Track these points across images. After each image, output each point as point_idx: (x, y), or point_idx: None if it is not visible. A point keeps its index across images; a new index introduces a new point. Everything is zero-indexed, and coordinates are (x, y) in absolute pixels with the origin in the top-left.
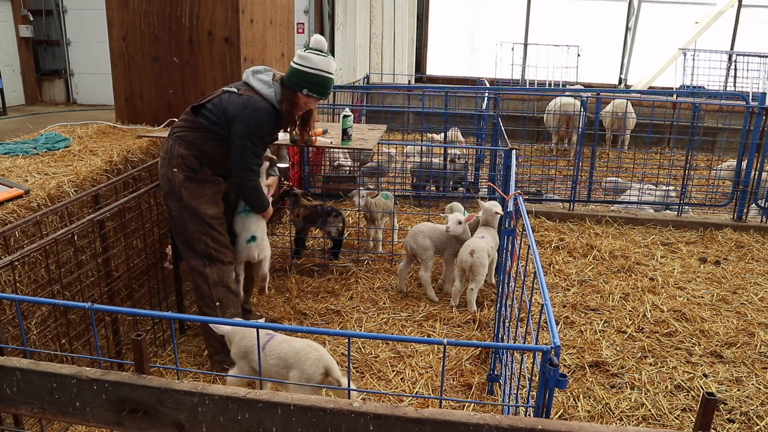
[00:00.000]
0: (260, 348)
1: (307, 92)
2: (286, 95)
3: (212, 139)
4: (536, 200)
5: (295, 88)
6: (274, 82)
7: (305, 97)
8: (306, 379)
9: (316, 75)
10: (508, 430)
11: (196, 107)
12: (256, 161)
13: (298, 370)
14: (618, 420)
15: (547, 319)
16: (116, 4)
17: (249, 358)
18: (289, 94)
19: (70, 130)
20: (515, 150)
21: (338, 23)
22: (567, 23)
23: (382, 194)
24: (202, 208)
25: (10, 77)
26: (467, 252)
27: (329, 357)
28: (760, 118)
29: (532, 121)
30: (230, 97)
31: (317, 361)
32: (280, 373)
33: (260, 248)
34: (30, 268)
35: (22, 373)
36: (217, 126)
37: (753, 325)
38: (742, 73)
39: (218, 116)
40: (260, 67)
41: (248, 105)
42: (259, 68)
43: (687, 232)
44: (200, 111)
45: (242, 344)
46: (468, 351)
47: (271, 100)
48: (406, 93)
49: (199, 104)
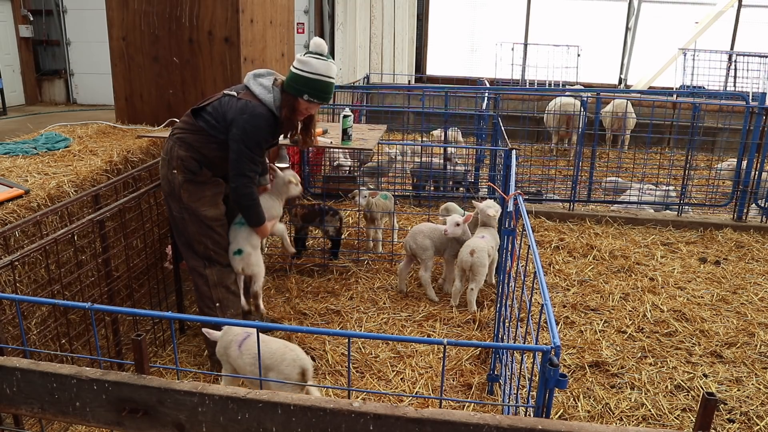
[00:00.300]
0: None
1: (308, 98)
2: (286, 101)
3: (211, 143)
4: (536, 200)
5: (296, 93)
6: (274, 87)
7: (306, 103)
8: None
9: (316, 80)
10: (508, 430)
11: (197, 110)
12: (253, 167)
13: (275, 371)
14: (618, 420)
15: (547, 319)
16: (116, 4)
17: (227, 354)
18: (290, 100)
19: (70, 130)
20: (515, 150)
21: (338, 23)
22: (567, 23)
23: (381, 194)
24: (202, 210)
25: (10, 77)
26: (467, 252)
27: (305, 357)
28: (760, 118)
29: (532, 121)
30: (230, 101)
31: (293, 361)
32: (255, 372)
33: (246, 263)
34: (30, 268)
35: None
36: (216, 130)
37: (753, 325)
38: (742, 73)
39: (217, 120)
40: (263, 70)
41: (246, 110)
42: (262, 71)
43: (687, 232)
44: (200, 114)
45: (222, 342)
46: (468, 351)
47: (269, 106)
48: (406, 93)
49: (200, 107)
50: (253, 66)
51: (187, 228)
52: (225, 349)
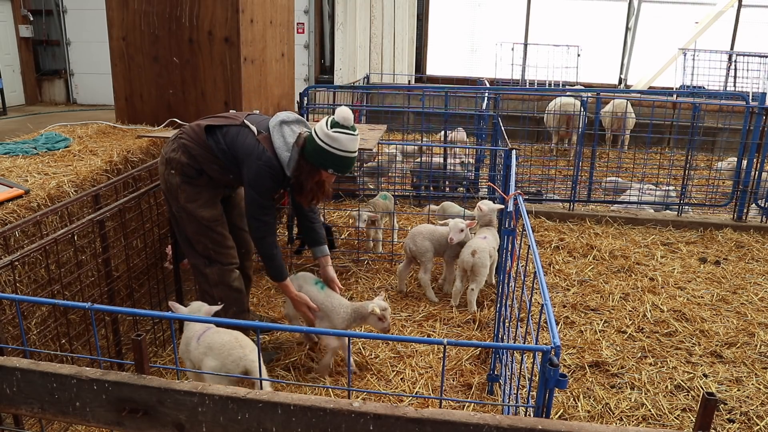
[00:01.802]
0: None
1: (333, 171)
2: (307, 169)
3: (213, 163)
4: (536, 200)
5: (320, 166)
6: (294, 146)
7: (327, 174)
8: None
9: (344, 158)
10: (508, 430)
11: (211, 127)
12: (264, 213)
13: (219, 363)
14: (618, 420)
15: (547, 319)
16: (116, 4)
17: (188, 350)
18: (311, 170)
19: (70, 130)
20: (515, 150)
21: (338, 23)
22: (567, 23)
23: (380, 195)
24: (198, 211)
25: (10, 77)
26: (469, 252)
27: (253, 359)
28: (760, 118)
29: (532, 121)
30: (247, 136)
31: (239, 359)
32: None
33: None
34: (30, 268)
35: (22, 373)
36: (222, 154)
37: (753, 325)
38: (742, 73)
39: (228, 147)
40: (292, 116)
41: (261, 158)
42: (290, 118)
43: (687, 232)
44: (214, 132)
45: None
46: (468, 351)
47: (282, 164)
48: (406, 93)
49: (215, 125)
50: (253, 66)
51: (186, 227)
52: (186, 345)
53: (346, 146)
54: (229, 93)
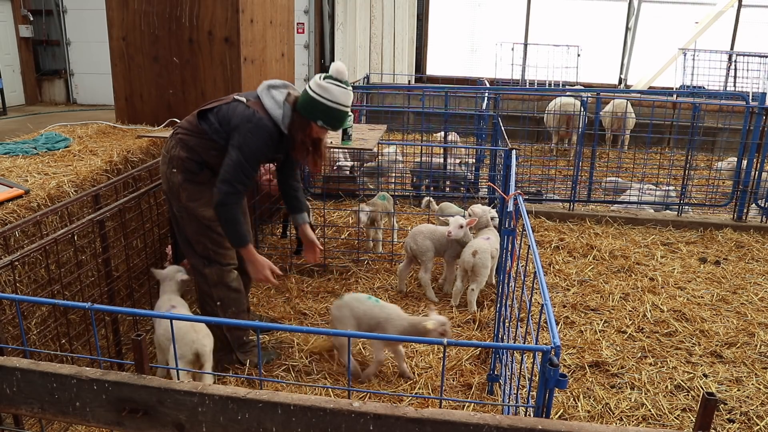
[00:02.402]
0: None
1: (322, 124)
2: (299, 122)
3: (212, 149)
4: (536, 200)
5: (310, 117)
6: (285, 103)
7: (318, 128)
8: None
9: (334, 108)
10: (508, 430)
11: (202, 112)
12: (243, 179)
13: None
14: (618, 420)
15: (547, 319)
16: (116, 4)
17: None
18: (302, 123)
19: (70, 130)
20: (515, 150)
21: (338, 23)
22: (567, 23)
23: (379, 195)
24: (200, 211)
25: (10, 77)
26: (470, 252)
27: (205, 344)
28: (760, 118)
29: (532, 121)
30: (237, 106)
31: (192, 342)
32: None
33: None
34: (30, 268)
35: (22, 373)
36: (218, 134)
37: (753, 325)
38: (742, 73)
39: (221, 123)
40: (278, 81)
41: (252, 120)
42: (277, 83)
43: (687, 232)
44: (205, 116)
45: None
46: (468, 351)
47: (277, 121)
48: (406, 93)
49: (206, 109)
50: (253, 66)
51: (186, 227)
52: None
53: (337, 97)
54: (229, 93)
